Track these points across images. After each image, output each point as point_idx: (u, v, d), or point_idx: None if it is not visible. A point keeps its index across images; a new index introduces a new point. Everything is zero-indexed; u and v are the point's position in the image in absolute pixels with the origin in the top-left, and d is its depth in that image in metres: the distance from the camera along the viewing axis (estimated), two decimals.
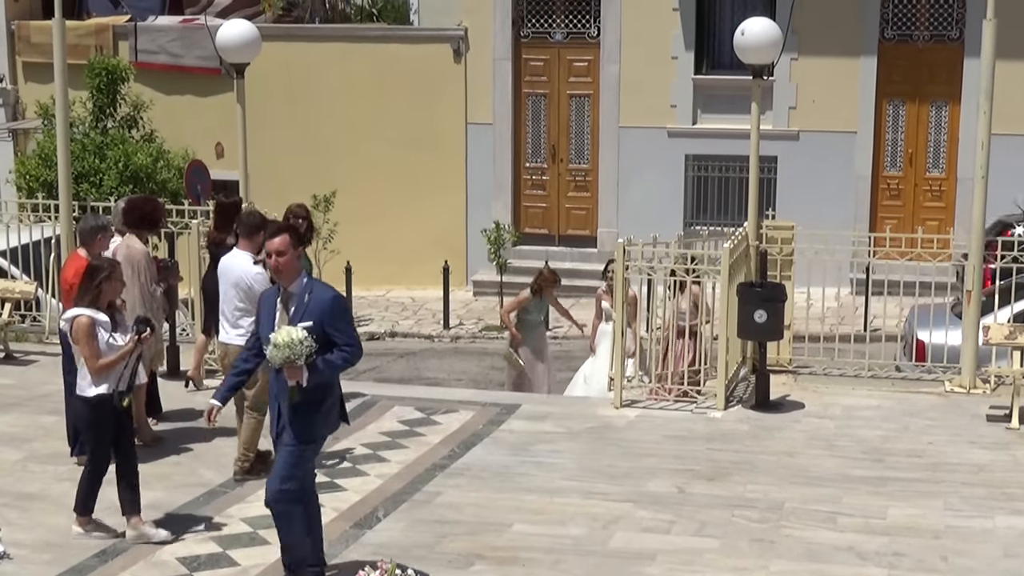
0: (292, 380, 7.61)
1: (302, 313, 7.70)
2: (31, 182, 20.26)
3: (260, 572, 8.42)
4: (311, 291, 7.81)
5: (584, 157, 23.01)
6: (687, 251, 12.83)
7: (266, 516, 9.27)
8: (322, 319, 7.67)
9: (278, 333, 7.51)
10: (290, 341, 7.44)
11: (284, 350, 7.45)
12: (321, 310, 7.70)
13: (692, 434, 11.56)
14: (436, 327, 20.32)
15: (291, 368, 7.54)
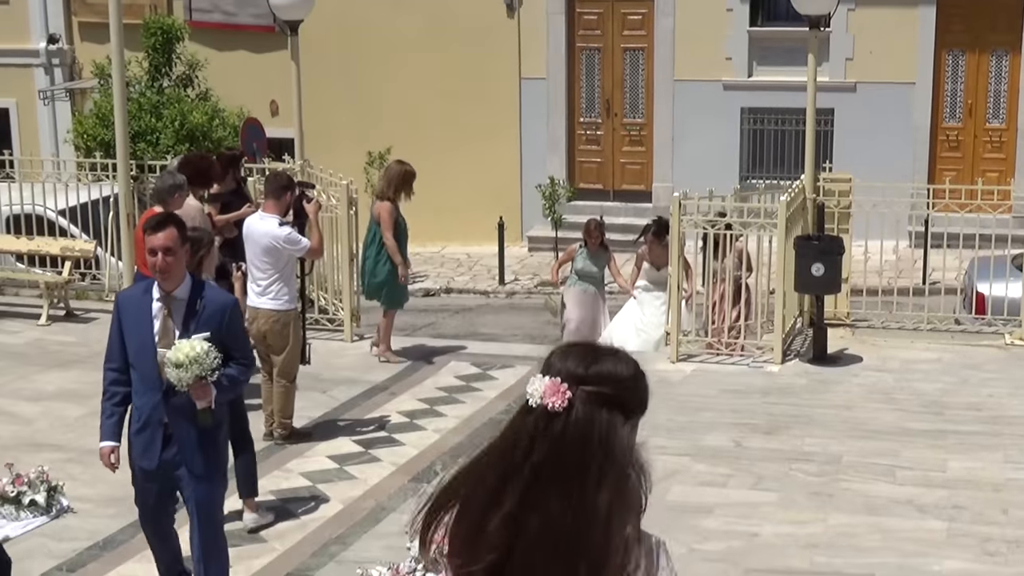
0: (202, 402, 6.42)
1: (196, 322, 6.48)
2: (88, 141, 20.42)
3: (319, 526, 8.50)
4: (203, 295, 6.58)
5: (639, 111, 22.88)
6: (743, 204, 12.75)
7: (325, 470, 9.36)
8: (220, 329, 6.51)
9: (177, 349, 6.26)
10: (196, 356, 6.22)
11: (193, 367, 6.24)
12: (220, 318, 6.54)
13: (749, 388, 11.53)
14: (491, 283, 20.33)
15: (200, 388, 6.34)
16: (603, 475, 2.68)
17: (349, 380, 11.66)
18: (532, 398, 2.66)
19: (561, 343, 2.83)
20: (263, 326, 9.83)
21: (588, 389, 2.67)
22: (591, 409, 2.67)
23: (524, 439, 2.63)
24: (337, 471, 9.29)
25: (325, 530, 8.45)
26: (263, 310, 9.90)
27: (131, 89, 19.82)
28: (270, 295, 9.90)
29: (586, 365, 2.69)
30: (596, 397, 2.68)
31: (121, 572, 7.70)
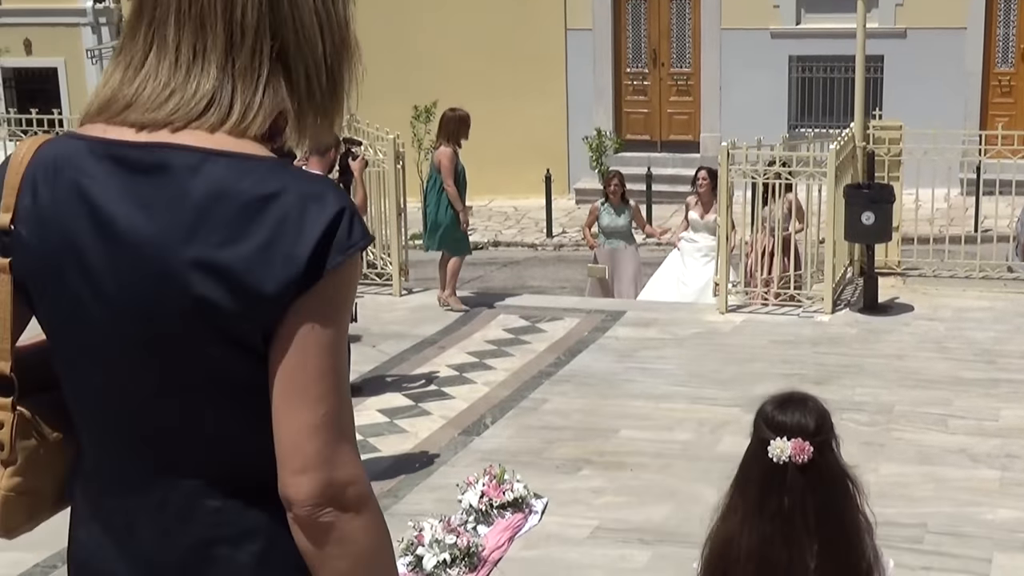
0: None
1: None
2: None
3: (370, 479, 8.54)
4: None
5: (686, 61, 22.72)
6: (791, 154, 12.65)
7: (376, 424, 9.41)
8: None
9: None
10: None
11: None
12: None
13: (799, 338, 11.48)
14: (539, 236, 20.32)
15: None
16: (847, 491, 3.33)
17: (398, 334, 11.69)
18: (779, 458, 3.28)
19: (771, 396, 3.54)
20: None
21: (818, 439, 3.28)
22: (825, 452, 3.29)
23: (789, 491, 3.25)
24: (387, 424, 9.34)
25: (376, 484, 8.49)
26: None
27: None
28: None
29: (808, 418, 3.32)
30: (824, 443, 3.30)
31: None
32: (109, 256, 1.79)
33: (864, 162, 13.04)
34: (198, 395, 1.81)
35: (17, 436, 1.91)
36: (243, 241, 1.75)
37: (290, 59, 1.89)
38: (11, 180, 1.86)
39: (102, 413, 1.88)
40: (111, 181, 1.80)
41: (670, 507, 7.85)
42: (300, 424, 1.77)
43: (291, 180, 1.80)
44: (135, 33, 1.87)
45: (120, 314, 1.80)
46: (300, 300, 1.76)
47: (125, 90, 1.84)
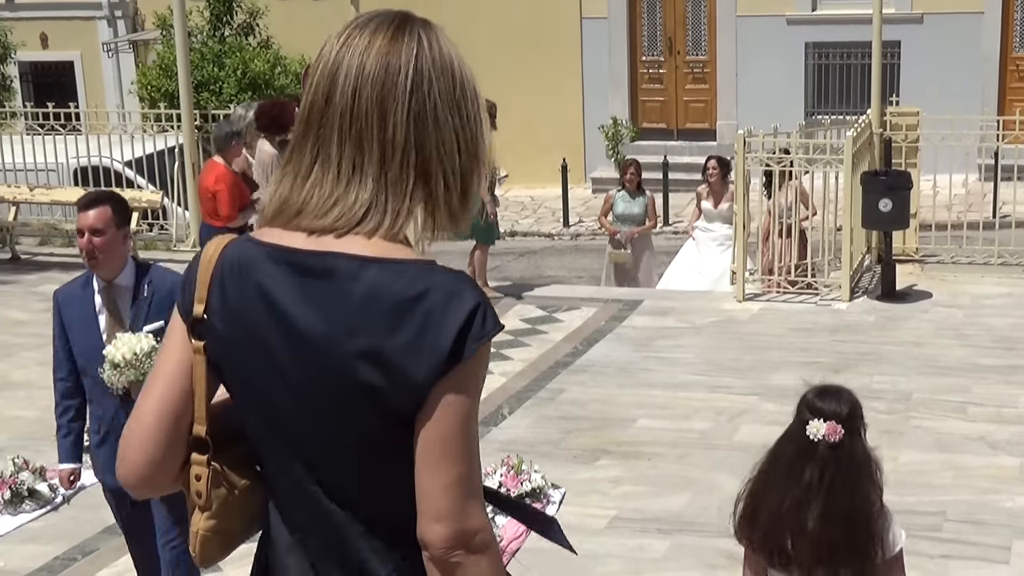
0: None
1: (145, 312, 5.48)
2: (152, 92, 20.55)
3: None
4: (149, 279, 5.55)
5: (701, 48, 22.66)
6: (808, 141, 12.61)
7: None
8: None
9: (116, 345, 5.24)
10: (134, 355, 5.19)
11: (128, 370, 5.20)
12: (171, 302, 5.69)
13: (817, 326, 11.45)
14: (556, 225, 20.30)
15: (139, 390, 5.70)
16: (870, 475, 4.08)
17: None
18: (815, 436, 4.00)
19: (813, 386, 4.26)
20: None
21: (849, 425, 4.05)
22: (853, 436, 4.06)
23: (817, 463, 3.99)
24: None
25: None
26: None
27: (193, 39, 19.91)
28: None
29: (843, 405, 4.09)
30: (854, 429, 4.07)
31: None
32: (289, 346, 2.18)
33: (881, 149, 12.99)
34: (359, 455, 2.20)
35: (212, 486, 2.31)
36: (397, 334, 2.11)
37: (431, 169, 2.20)
38: (202, 277, 2.26)
39: (282, 472, 2.29)
40: (288, 283, 2.18)
41: (688, 496, 7.85)
42: (439, 482, 2.15)
43: (436, 280, 2.16)
44: (303, 147, 2.21)
45: (300, 394, 2.19)
46: (442, 381, 2.14)
47: (295, 197, 2.20)
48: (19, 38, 21.01)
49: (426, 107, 2.21)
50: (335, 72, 2.22)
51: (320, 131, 2.19)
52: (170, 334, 2.35)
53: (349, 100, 2.18)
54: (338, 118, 2.18)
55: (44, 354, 10.81)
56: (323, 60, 2.26)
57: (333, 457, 2.21)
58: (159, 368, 2.33)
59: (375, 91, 2.18)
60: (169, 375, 2.30)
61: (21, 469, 8.02)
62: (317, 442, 2.21)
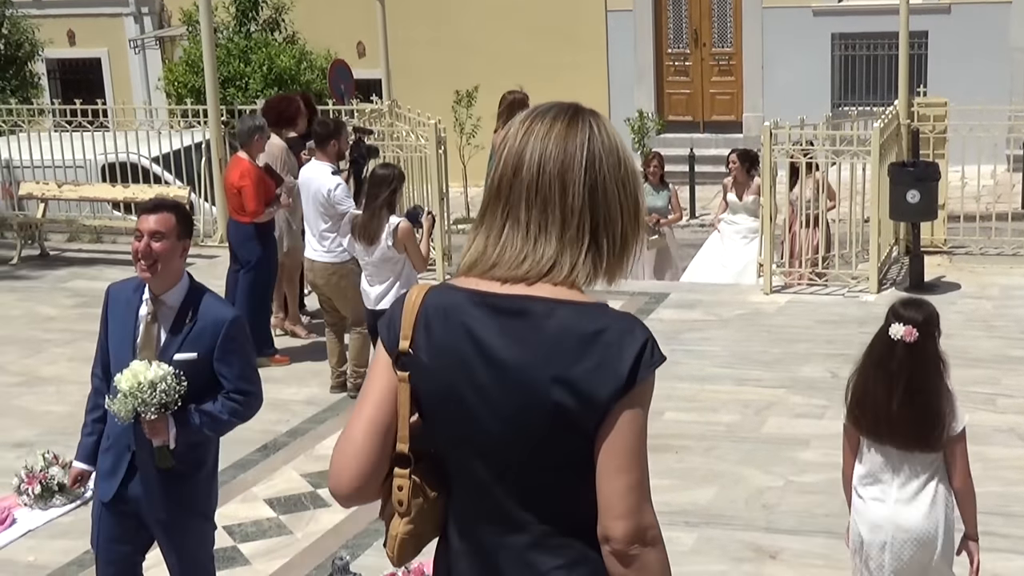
0: (156, 439, 5.07)
1: (181, 340, 5.16)
2: (179, 88, 20.61)
3: None
4: (197, 306, 5.21)
5: (727, 40, 22.60)
6: (835, 132, 12.57)
7: None
8: (212, 351, 5.16)
9: (126, 371, 4.94)
10: (136, 385, 4.90)
11: (130, 400, 4.92)
12: (212, 338, 5.16)
13: (844, 318, 11.41)
14: None
15: (150, 424, 5.01)
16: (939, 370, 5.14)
17: None
18: (896, 336, 5.07)
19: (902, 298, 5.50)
20: (319, 279, 9.68)
21: (923, 329, 5.09)
22: (927, 339, 5.11)
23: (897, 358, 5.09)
24: None
25: None
26: (318, 263, 9.72)
27: (219, 35, 19.97)
28: (325, 247, 9.67)
29: (920, 313, 5.13)
30: (927, 334, 5.12)
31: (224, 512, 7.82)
32: (492, 374, 2.61)
33: (909, 140, 12.93)
34: (545, 465, 2.62)
35: (411, 496, 2.72)
36: (583, 363, 2.57)
37: (601, 231, 2.68)
38: (407, 318, 2.69)
39: (478, 485, 2.69)
40: (488, 322, 2.62)
41: (715, 489, 7.84)
42: (618, 485, 2.58)
43: (612, 319, 2.64)
44: (494, 211, 2.68)
45: (500, 414, 2.61)
46: (620, 401, 2.58)
47: (489, 252, 2.66)
48: (46, 35, 21.11)
49: (598, 181, 2.67)
50: (521, 152, 2.67)
51: (510, 199, 2.66)
52: (375, 365, 2.75)
53: (535, 175, 2.65)
54: (525, 189, 2.65)
55: (74, 349, 10.90)
56: (509, 141, 2.71)
57: (523, 468, 2.64)
58: (367, 393, 2.74)
59: (556, 167, 2.65)
60: (376, 400, 2.72)
61: (51, 464, 8.06)
62: (511, 455, 2.63)
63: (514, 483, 2.66)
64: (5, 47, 20.33)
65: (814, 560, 7.04)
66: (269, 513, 7.89)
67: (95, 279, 13.16)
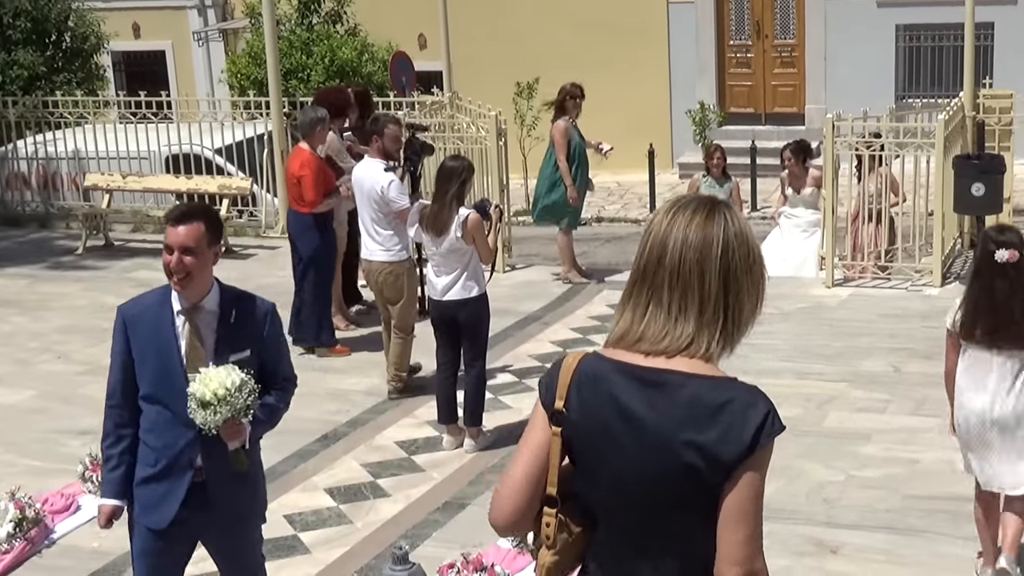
0: (234, 443, 5.03)
1: (232, 340, 5.07)
2: (242, 80, 20.74)
3: (476, 455, 8.60)
4: (234, 305, 5.15)
5: (790, 32, 22.44)
6: (899, 124, 12.45)
7: (505, 383, 9.44)
8: (259, 346, 5.13)
9: (203, 382, 4.83)
10: (227, 391, 4.81)
11: (223, 407, 4.83)
12: (259, 334, 5.13)
13: (907, 312, 11.32)
14: (642, 211, 20.22)
15: (232, 426, 4.93)
16: None
17: (501, 311, 11.66)
18: (1001, 259, 6.15)
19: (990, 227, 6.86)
20: (376, 278, 9.58)
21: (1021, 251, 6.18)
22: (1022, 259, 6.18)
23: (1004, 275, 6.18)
24: (492, 401, 9.35)
25: (481, 459, 8.55)
26: (375, 261, 9.57)
27: (281, 27, 20.08)
28: (382, 245, 9.53)
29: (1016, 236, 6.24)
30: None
31: (284, 501, 7.90)
32: (631, 435, 3.00)
33: (974, 132, 12.81)
34: (679, 516, 3.00)
35: (557, 532, 3.12)
36: (712, 430, 2.92)
37: (730, 313, 3.06)
38: (563, 380, 3.10)
39: (616, 524, 3.08)
40: (631, 389, 3.01)
41: (777, 484, 7.80)
42: (736, 537, 2.95)
43: (738, 392, 2.98)
44: (640, 291, 3.07)
45: (639, 469, 2.99)
46: (743, 464, 2.92)
47: (635, 328, 3.06)
48: (112, 28, 21.30)
49: (730, 268, 3.04)
50: (665, 240, 3.04)
51: (654, 282, 3.04)
52: (534, 418, 3.18)
53: (677, 261, 3.02)
54: (667, 275, 3.03)
55: None
56: (654, 229, 3.08)
57: (653, 512, 3.01)
58: (526, 441, 3.17)
59: (695, 256, 3.02)
60: (534, 448, 3.15)
61: None
62: (644, 502, 3.01)
63: (645, 524, 3.04)
64: (72, 40, 20.53)
65: (875, 555, 7.00)
66: (329, 503, 7.94)
67: (159, 270, 13.23)
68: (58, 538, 7.60)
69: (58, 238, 15.89)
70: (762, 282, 3.13)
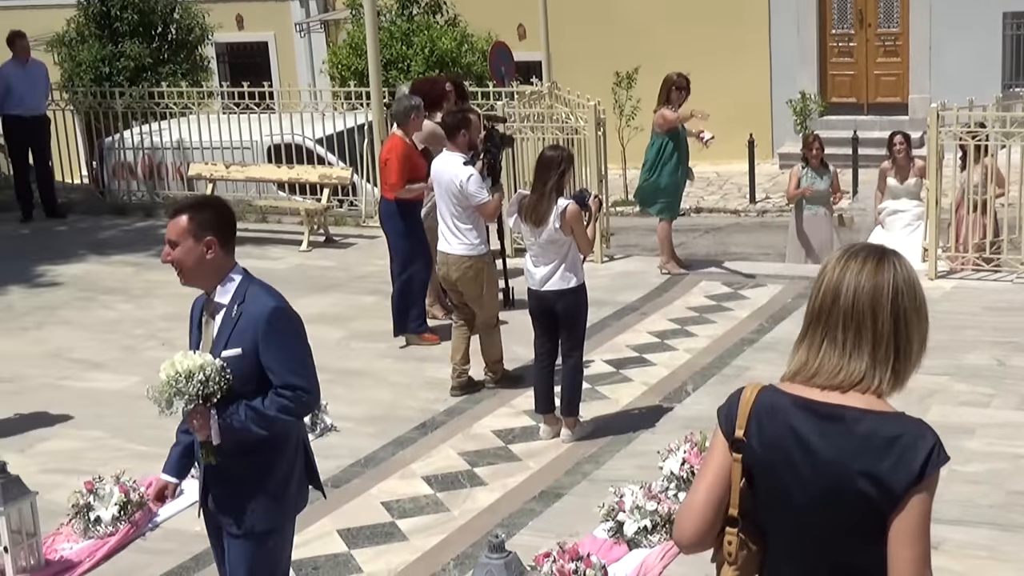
0: (199, 434, 4.98)
1: (228, 335, 5.01)
2: (343, 71, 20.93)
3: (571, 445, 8.60)
4: (243, 299, 5.06)
5: (893, 20, 22.13)
6: (1004, 114, 12.23)
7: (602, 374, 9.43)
8: (255, 345, 4.96)
9: (165, 363, 4.89)
10: (174, 376, 4.82)
11: (165, 389, 4.84)
12: (253, 332, 4.96)
13: (1012, 305, 11.12)
14: (742, 201, 20.09)
15: (196, 415, 4.90)
16: None
17: (599, 301, 11.67)
18: None
19: None
20: (453, 272, 9.42)
21: None
22: None
23: None
24: (589, 391, 9.35)
25: (578, 449, 8.55)
26: (453, 255, 9.40)
27: (382, 18, 20.22)
28: (460, 239, 9.38)
29: None
30: None
31: (383, 488, 7.97)
32: (808, 464, 3.24)
33: None
34: (848, 533, 3.22)
35: (738, 549, 3.37)
36: (885, 461, 3.15)
37: (899, 352, 3.28)
38: (742, 411, 3.35)
39: (790, 542, 3.33)
40: (808, 422, 3.25)
41: None
42: (906, 556, 3.17)
43: (909, 426, 3.20)
44: (815, 330, 3.31)
45: (814, 496, 3.24)
46: (911, 490, 3.14)
47: (811, 364, 3.31)
48: (216, 20, 21.60)
49: (901, 311, 3.27)
50: (839, 285, 3.30)
51: (828, 322, 3.29)
52: (715, 444, 3.41)
53: (850, 303, 3.27)
54: (842, 315, 3.28)
55: None
56: (827, 276, 3.35)
57: (826, 532, 3.25)
58: (708, 466, 3.42)
59: (868, 299, 3.26)
60: (715, 472, 3.39)
61: None
62: (818, 523, 3.25)
63: (818, 543, 3.28)
64: (177, 32, 20.87)
65: (977, 552, 6.90)
66: (427, 490, 8.00)
67: (261, 258, 13.45)
68: (161, 521, 7.73)
69: (163, 227, 15.95)
70: (927, 323, 3.33)
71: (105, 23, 20.23)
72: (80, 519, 7.51)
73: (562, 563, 6.44)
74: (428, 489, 8.02)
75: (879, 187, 13.39)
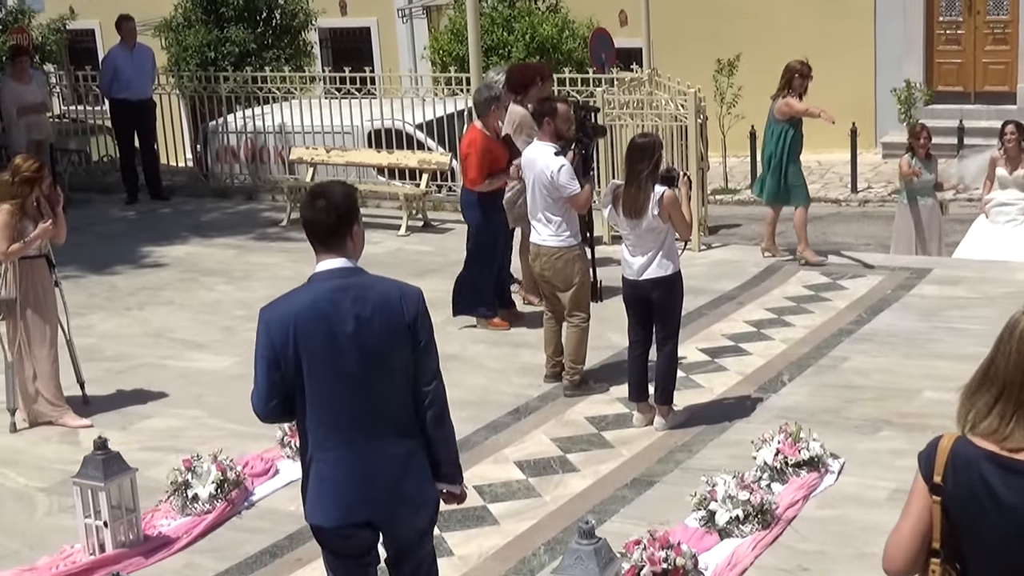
0: None
1: None
2: (444, 57, 21.01)
3: (665, 433, 8.57)
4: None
5: (1003, 8, 21.71)
6: None
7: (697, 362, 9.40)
8: None
9: None
10: None
11: None
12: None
13: None
14: (843, 191, 19.85)
15: None
16: None
17: (696, 290, 11.57)
18: None
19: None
20: (544, 264, 9.29)
21: None
22: None
23: None
24: (683, 379, 9.30)
25: (671, 437, 8.52)
26: (544, 247, 9.26)
27: (483, 4, 20.27)
28: (551, 230, 9.22)
29: None
30: None
31: (475, 472, 8.00)
32: (996, 511, 3.58)
33: None
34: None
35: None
36: None
37: None
38: (940, 458, 3.67)
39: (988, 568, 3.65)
40: (998, 474, 3.57)
41: None
42: None
43: None
44: (1008, 399, 3.64)
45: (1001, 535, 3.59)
46: None
47: (1003, 430, 3.59)
48: (319, 6, 21.80)
49: None
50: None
51: (1020, 396, 3.62)
52: (916, 486, 3.73)
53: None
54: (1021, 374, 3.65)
55: None
56: (1015, 346, 3.77)
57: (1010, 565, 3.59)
58: (911, 505, 3.75)
59: None
60: (918, 510, 3.72)
61: None
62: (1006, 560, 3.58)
63: (1008, 569, 3.60)
64: (281, 18, 21.10)
65: None
66: (519, 475, 8.02)
67: None
68: (257, 500, 7.84)
69: (264, 210, 16.35)
70: None
71: (211, 8, 20.52)
72: (178, 496, 7.64)
73: (652, 551, 6.42)
74: (520, 474, 8.05)
75: (988, 176, 13.16)
